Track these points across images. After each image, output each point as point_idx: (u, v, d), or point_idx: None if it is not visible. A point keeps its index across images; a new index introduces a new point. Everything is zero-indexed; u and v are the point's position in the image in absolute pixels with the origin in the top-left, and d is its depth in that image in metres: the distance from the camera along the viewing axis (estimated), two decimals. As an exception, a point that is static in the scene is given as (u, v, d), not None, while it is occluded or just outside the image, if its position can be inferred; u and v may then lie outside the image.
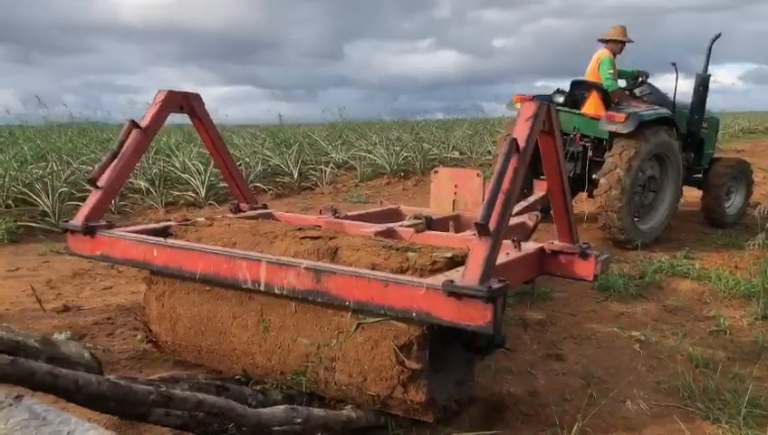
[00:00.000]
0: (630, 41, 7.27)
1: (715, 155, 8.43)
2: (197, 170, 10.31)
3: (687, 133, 7.67)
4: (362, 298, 2.68)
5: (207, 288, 3.27)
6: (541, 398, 3.47)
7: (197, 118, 4.08)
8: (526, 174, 7.50)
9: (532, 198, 6.20)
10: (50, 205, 8.98)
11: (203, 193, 9.87)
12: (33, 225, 8.02)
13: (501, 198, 2.60)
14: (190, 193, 9.96)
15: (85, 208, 3.48)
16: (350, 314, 2.89)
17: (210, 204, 9.69)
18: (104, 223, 3.49)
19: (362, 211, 4.81)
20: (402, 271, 2.85)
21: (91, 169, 11.14)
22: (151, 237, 3.30)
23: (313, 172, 12.25)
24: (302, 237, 3.20)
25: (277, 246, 3.19)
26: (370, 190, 11.57)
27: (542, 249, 3.46)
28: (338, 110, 20.75)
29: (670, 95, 7.64)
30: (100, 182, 3.53)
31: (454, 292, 2.47)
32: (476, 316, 2.47)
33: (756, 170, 8.95)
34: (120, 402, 1.77)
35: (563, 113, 7.24)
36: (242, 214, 4.26)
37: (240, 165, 11.86)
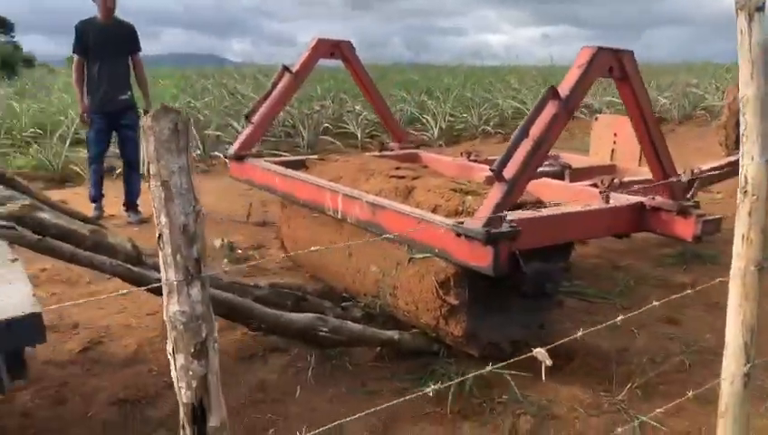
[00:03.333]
0: None
1: None
2: (434, 112, 10.88)
3: None
4: (402, 232, 2.94)
5: (315, 215, 3.77)
6: (625, 356, 3.36)
7: (349, 63, 4.53)
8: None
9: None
10: (306, 139, 10.35)
11: (435, 134, 10.42)
12: (287, 155, 9.37)
13: (525, 145, 2.62)
14: (424, 133, 10.58)
15: (239, 140, 4.20)
16: (405, 247, 3.15)
17: (440, 144, 10.21)
18: (253, 152, 4.18)
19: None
20: (457, 213, 3.02)
21: (353, 108, 12.50)
22: (277, 167, 3.90)
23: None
24: (391, 176, 3.51)
25: (370, 183, 3.54)
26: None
27: (641, 204, 3.28)
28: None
29: None
30: (254, 119, 4.21)
31: (460, 233, 2.61)
32: (480, 257, 2.58)
33: None
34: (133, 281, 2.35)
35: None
36: (387, 153, 4.66)
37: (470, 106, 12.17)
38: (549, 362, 1.53)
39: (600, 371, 3.22)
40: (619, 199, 3.28)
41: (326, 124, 11.38)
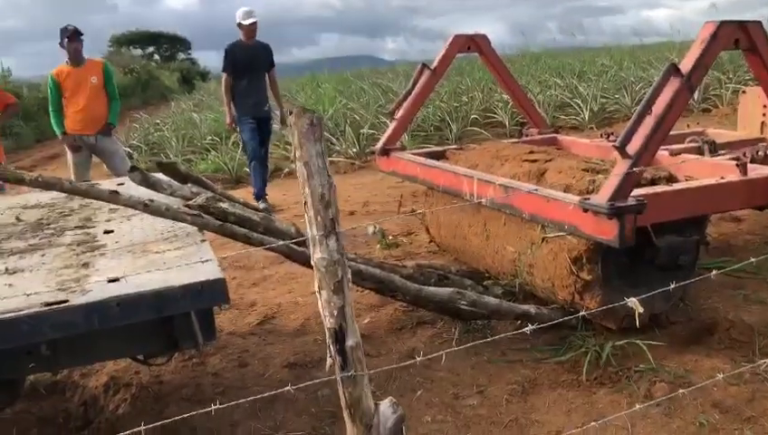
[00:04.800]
0: None
1: None
2: (584, 97, 10.69)
3: None
4: (533, 211, 3.15)
5: (454, 201, 4.04)
6: (768, 329, 3.31)
7: (485, 56, 4.75)
8: None
9: None
10: (454, 131, 10.62)
11: (586, 118, 10.26)
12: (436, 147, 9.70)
13: (648, 121, 2.72)
14: (574, 117, 10.46)
15: (385, 135, 4.58)
16: (539, 228, 3.34)
17: (590, 127, 10.05)
18: (398, 146, 4.54)
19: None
20: (588, 192, 3.17)
21: (501, 97, 12.56)
22: (417, 158, 4.22)
23: (718, 94, 11.28)
24: (524, 160, 3.71)
25: (504, 168, 3.76)
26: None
27: (782, 175, 3.23)
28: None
29: None
30: (397, 115, 4.57)
31: (587, 208, 2.77)
32: (606, 231, 2.73)
33: None
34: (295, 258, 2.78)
35: None
36: (525, 138, 4.83)
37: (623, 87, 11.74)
38: (641, 310, 1.69)
39: (744, 343, 3.21)
40: (759, 171, 3.25)
41: (474, 115, 11.56)
